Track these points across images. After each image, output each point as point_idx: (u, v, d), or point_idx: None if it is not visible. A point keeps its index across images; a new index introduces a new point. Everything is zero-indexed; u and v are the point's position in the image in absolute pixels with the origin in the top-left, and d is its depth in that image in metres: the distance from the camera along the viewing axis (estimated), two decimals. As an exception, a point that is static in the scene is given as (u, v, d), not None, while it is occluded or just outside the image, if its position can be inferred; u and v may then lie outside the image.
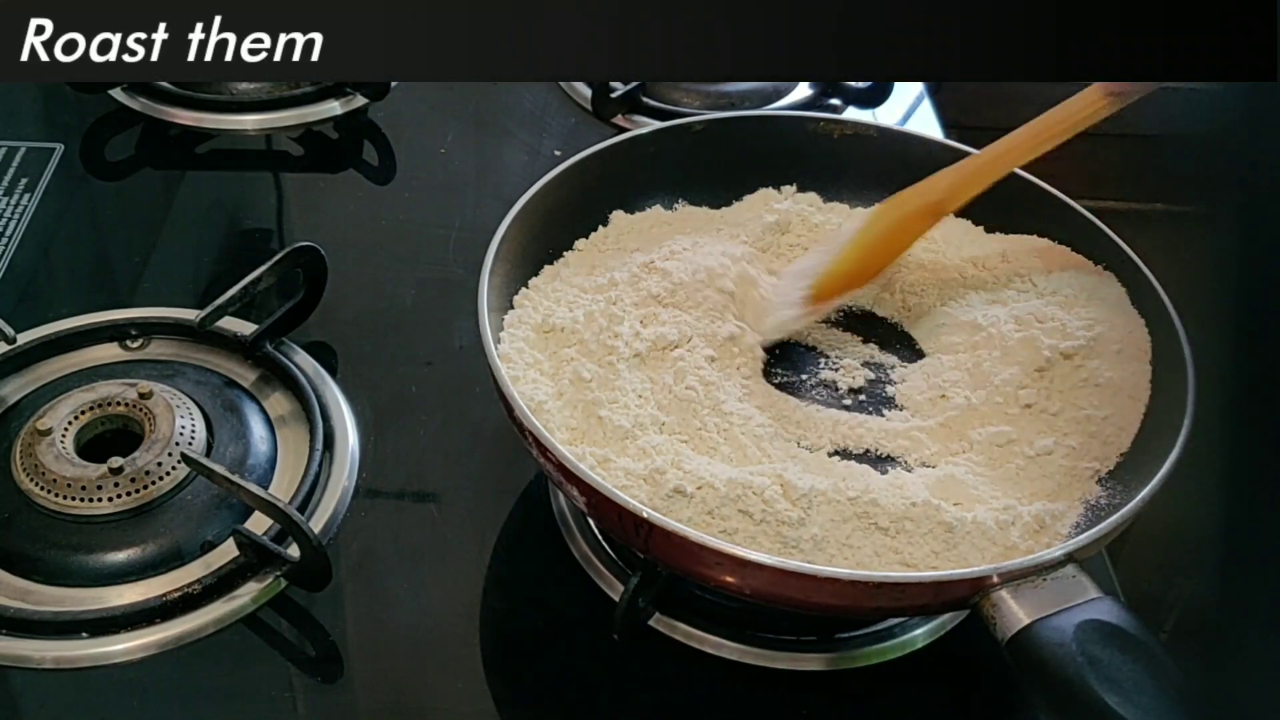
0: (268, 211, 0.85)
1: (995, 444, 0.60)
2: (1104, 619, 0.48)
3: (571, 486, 0.54)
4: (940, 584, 0.51)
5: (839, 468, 0.58)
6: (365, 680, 0.58)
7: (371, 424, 0.68)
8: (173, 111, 0.89)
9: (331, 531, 0.63)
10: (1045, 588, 0.50)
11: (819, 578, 0.50)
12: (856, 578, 0.50)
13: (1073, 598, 0.49)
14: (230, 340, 0.70)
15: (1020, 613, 0.49)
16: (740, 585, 0.52)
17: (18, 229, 0.79)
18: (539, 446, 0.55)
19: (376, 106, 0.90)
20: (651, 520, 0.51)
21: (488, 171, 0.88)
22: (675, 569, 0.55)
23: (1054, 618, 0.49)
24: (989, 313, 0.65)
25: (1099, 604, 0.49)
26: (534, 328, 0.63)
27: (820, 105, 0.92)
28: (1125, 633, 0.48)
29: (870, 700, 0.58)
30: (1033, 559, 0.51)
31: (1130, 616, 0.49)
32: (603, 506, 0.53)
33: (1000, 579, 0.50)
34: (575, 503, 0.56)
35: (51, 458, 0.61)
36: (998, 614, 0.50)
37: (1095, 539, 0.52)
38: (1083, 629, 0.48)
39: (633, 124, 0.89)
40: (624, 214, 0.71)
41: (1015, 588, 0.50)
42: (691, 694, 0.58)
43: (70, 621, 0.57)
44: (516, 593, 0.62)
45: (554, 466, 0.54)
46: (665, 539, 0.51)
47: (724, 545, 0.51)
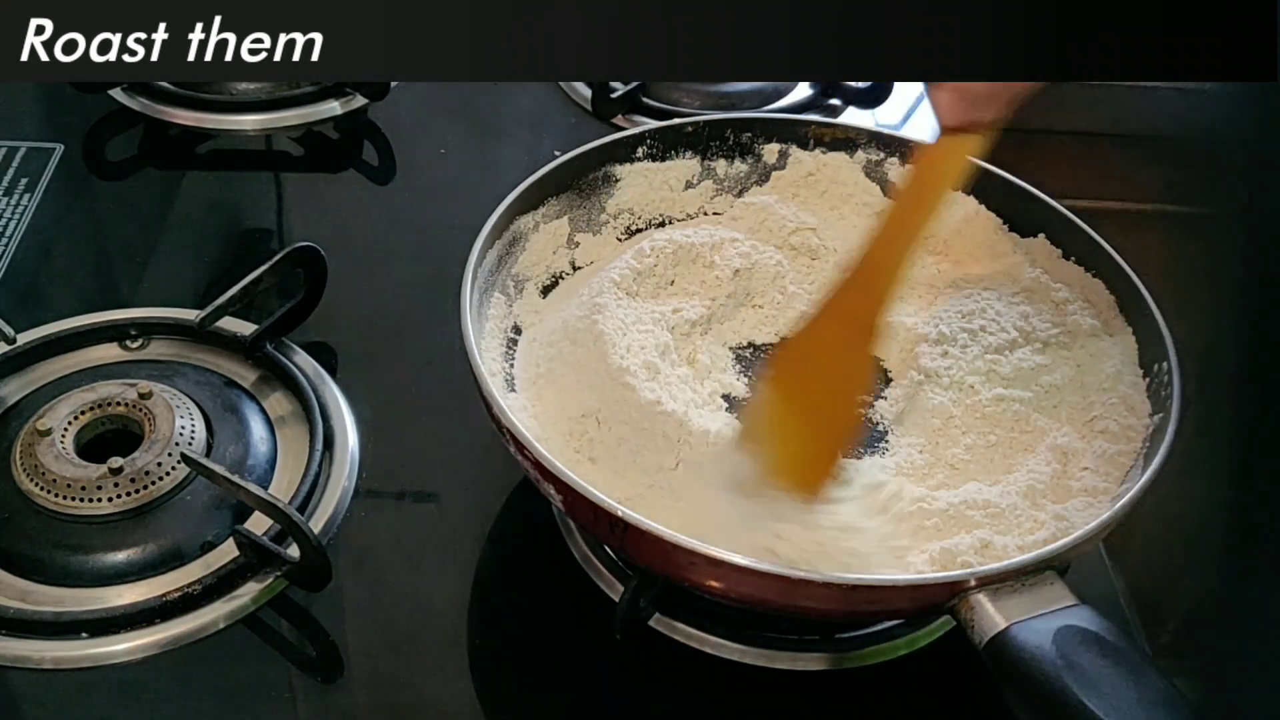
0: (268, 211, 0.85)
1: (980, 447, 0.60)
2: (1083, 625, 0.48)
3: (548, 484, 0.54)
4: (916, 587, 0.51)
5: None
6: (365, 680, 0.58)
7: (371, 424, 0.68)
8: (173, 111, 0.88)
9: (331, 531, 0.63)
10: (1023, 593, 0.50)
11: (793, 579, 0.50)
12: (831, 580, 0.50)
13: (1051, 603, 0.49)
14: (230, 340, 0.70)
15: (998, 616, 0.49)
16: (715, 586, 0.52)
17: (18, 229, 0.79)
18: (516, 444, 0.55)
19: (376, 106, 0.90)
20: (627, 519, 0.51)
21: (488, 171, 0.88)
22: (652, 569, 0.55)
23: (1032, 621, 0.49)
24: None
25: (1077, 610, 0.49)
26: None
27: (820, 106, 0.92)
28: (1103, 639, 0.48)
29: (870, 700, 0.58)
30: (1011, 563, 0.51)
31: (1108, 623, 0.49)
32: (578, 504, 0.53)
33: (978, 583, 0.50)
34: (553, 501, 0.56)
35: (51, 458, 0.61)
36: (975, 617, 0.49)
37: (1074, 544, 0.52)
38: (1061, 633, 0.48)
39: (633, 124, 0.89)
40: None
41: (993, 592, 0.50)
42: (691, 694, 0.58)
43: (70, 621, 0.57)
44: (516, 593, 0.62)
45: (531, 464, 0.54)
46: (640, 538, 0.51)
47: (698, 545, 0.50)
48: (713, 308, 0.67)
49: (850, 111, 0.92)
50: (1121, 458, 0.58)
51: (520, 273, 0.68)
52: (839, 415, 0.58)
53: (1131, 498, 0.53)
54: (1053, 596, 0.50)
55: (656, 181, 0.73)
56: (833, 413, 0.58)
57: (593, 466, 0.59)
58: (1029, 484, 0.58)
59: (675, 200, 0.73)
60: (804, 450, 0.56)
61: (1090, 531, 0.52)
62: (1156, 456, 0.55)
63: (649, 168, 0.72)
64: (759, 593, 0.51)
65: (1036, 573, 0.50)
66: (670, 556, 0.51)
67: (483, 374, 0.57)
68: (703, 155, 0.73)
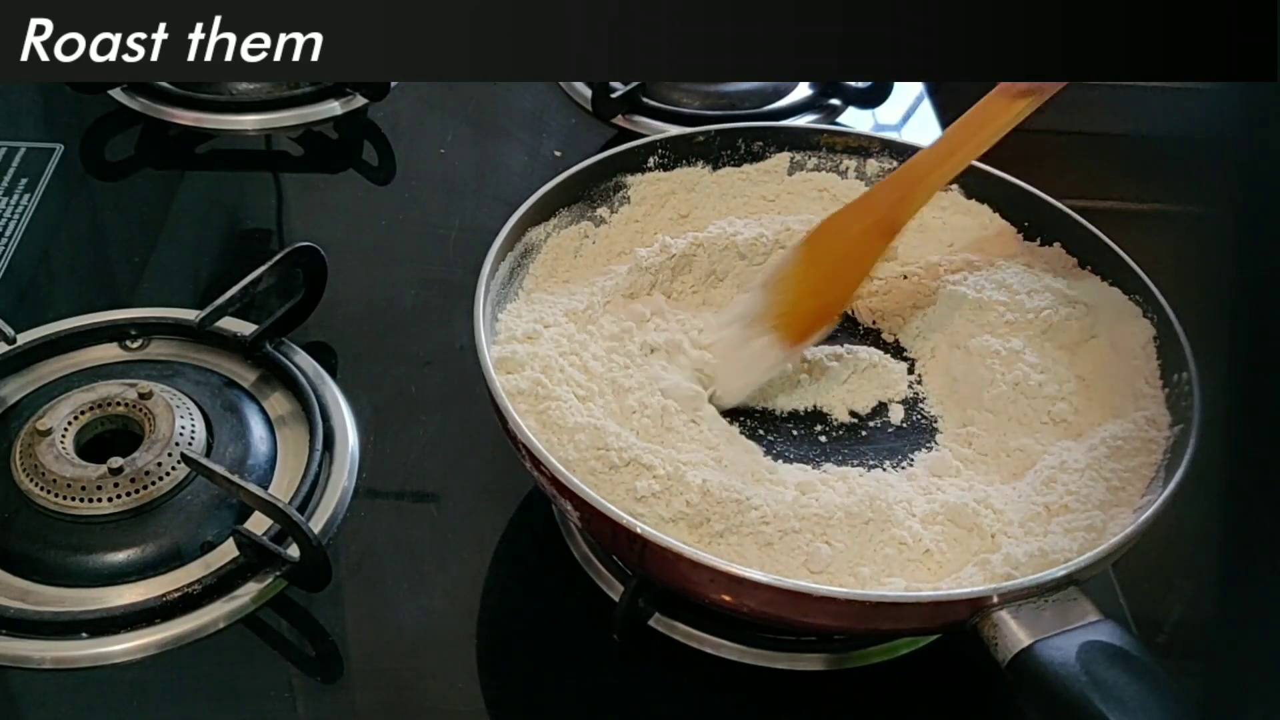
0: (268, 211, 0.85)
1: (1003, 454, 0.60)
2: (1107, 640, 0.48)
3: (565, 501, 0.53)
4: (939, 604, 0.51)
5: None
6: (365, 680, 0.58)
7: (371, 424, 0.68)
8: (173, 111, 0.89)
9: (331, 532, 0.63)
10: (1047, 609, 0.49)
11: (815, 596, 0.49)
12: (853, 597, 0.50)
13: (1074, 619, 0.49)
14: (230, 340, 0.70)
15: (1021, 634, 0.48)
16: (735, 603, 0.51)
17: (18, 229, 0.79)
18: (532, 460, 0.54)
19: (376, 106, 0.90)
20: (646, 537, 0.50)
21: (488, 171, 0.88)
22: (670, 585, 0.54)
23: (1056, 638, 0.48)
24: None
25: (1101, 626, 0.49)
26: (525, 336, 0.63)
27: (820, 106, 0.92)
28: (1128, 654, 0.47)
29: (870, 700, 0.58)
30: (1034, 579, 0.50)
31: (1133, 639, 0.48)
32: (596, 521, 0.52)
33: (1000, 599, 0.49)
34: (570, 518, 0.56)
35: (51, 458, 0.61)
36: (998, 635, 0.49)
37: (1098, 559, 0.51)
38: (1086, 650, 0.47)
39: (633, 124, 0.89)
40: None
41: (1016, 608, 0.49)
42: (691, 694, 0.58)
43: (70, 621, 0.57)
44: (516, 593, 0.62)
45: (547, 480, 0.54)
46: (660, 555, 0.51)
47: (719, 563, 0.50)
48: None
49: (850, 112, 0.92)
50: (1143, 469, 0.57)
51: (531, 282, 0.67)
52: (841, 288, 0.64)
53: (1155, 510, 0.53)
54: (1076, 612, 0.49)
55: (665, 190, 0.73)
56: (839, 285, 0.64)
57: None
58: (1047, 497, 0.57)
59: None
60: (805, 307, 0.63)
61: (1115, 545, 0.51)
62: (1179, 468, 0.55)
63: (659, 177, 0.72)
64: (778, 610, 0.51)
65: (1060, 588, 0.50)
66: (691, 573, 0.51)
67: (497, 388, 0.56)
68: (714, 164, 0.73)
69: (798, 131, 0.75)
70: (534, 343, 0.61)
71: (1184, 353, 0.60)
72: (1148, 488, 0.57)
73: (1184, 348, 0.60)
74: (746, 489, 0.55)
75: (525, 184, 0.68)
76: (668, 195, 0.72)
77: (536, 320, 0.63)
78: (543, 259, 0.67)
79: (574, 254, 0.69)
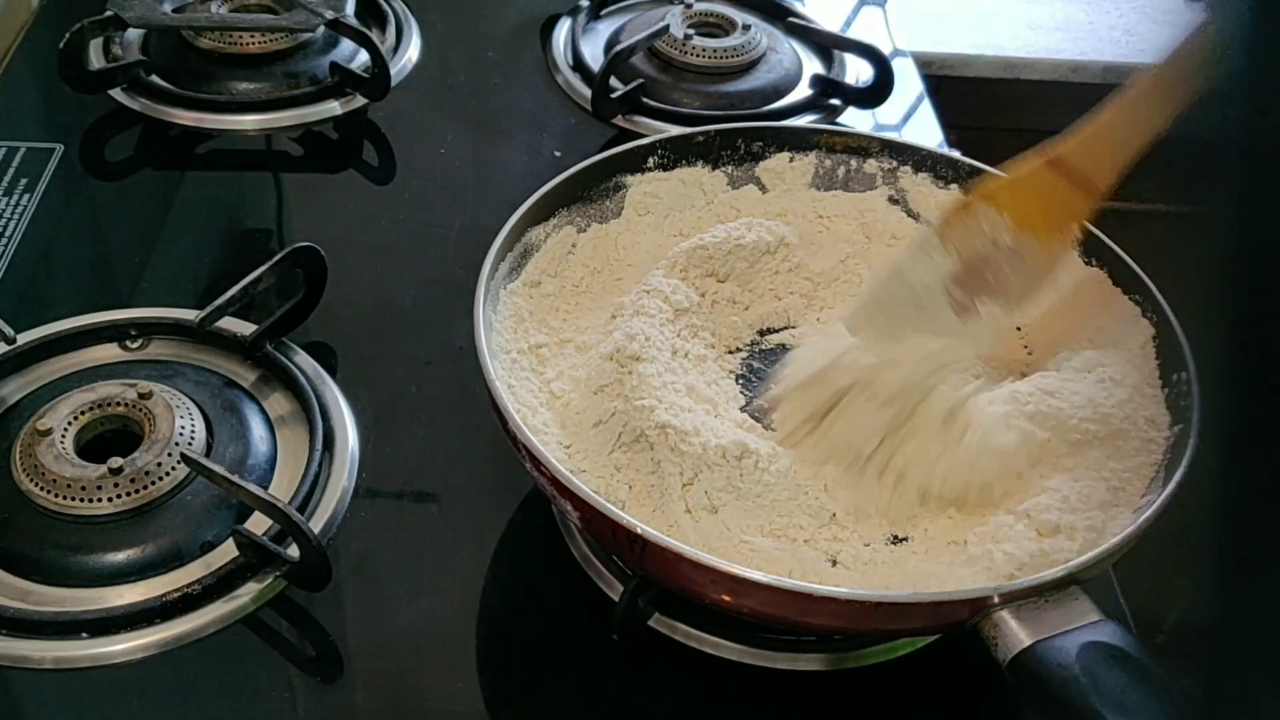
0: (268, 211, 0.85)
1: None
2: (1107, 641, 0.48)
3: (565, 501, 0.54)
4: (940, 604, 0.51)
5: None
6: (365, 680, 0.58)
7: (371, 424, 0.68)
8: (173, 111, 0.89)
9: (331, 532, 0.63)
10: (1047, 609, 0.49)
11: (815, 597, 0.49)
12: (854, 597, 0.50)
13: (1075, 619, 0.49)
14: (230, 340, 0.70)
15: (1022, 634, 0.49)
16: (735, 603, 0.52)
17: (18, 229, 0.79)
18: (532, 460, 0.54)
19: (376, 106, 0.90)
20: (646, 537, 0.51)
21: (488, 171, 0.88)
22: (670, 585, 0.54)
23: (1057, 639, 0.48)
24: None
25: (1102, 626, 0.49)
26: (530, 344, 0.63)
27: (820, 106, 0.92)
28: (1129, 655, 0.47)
29: (870, 700, 0.58)
30: (1034, 579, 0.50)
31: (1133, 639, 0.48)
32: (596, 521, 0.52)
33: (1001, 599, 0.50)
34: (570, 518, 0.56)
35: (51, 458, 0.61)
36: (999, 634, 0.49)
37: (1098, 559, 0.51)
38: (1086, 650, 0.47)
39: (633, 124, 0.89)
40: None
41: (1017, 608, 0.49)
42: (691, 694, 0.58)
43: (70, 621, 0.57)
44: (516, 593, 0.62)
45: (547, 480, 0.54)
46: (660, 555, 0.51)
47: (719, 563, 0.50)
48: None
49: (850, 112, 0.92)
50: (1143, 469, 0.58)
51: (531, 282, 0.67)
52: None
53: (1155, 510, 0.53)
54: (1077, 612, 0.49)
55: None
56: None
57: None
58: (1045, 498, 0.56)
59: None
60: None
61: (1115, 545, 0.52)
62: (1179, 468, 0.55)
63: (659, 177, 0.72)
64: (779, 610, 0.51)
65: (1061, 588, 0.50)
66: (691, 573, 0.51)
67: (498, 389, 0.56)
68: (713, 164, 0.73)
69: (798, 131, 0.75)
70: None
71: (1183, 353, 0.60)
72: (1147, 488, 0.57)
73: (1183, 348, 0.60)
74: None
75: (525, 184, 0.68)
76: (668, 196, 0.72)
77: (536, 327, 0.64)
78: (541, 258, 0.68)
79: (573, 253, 0.69)
